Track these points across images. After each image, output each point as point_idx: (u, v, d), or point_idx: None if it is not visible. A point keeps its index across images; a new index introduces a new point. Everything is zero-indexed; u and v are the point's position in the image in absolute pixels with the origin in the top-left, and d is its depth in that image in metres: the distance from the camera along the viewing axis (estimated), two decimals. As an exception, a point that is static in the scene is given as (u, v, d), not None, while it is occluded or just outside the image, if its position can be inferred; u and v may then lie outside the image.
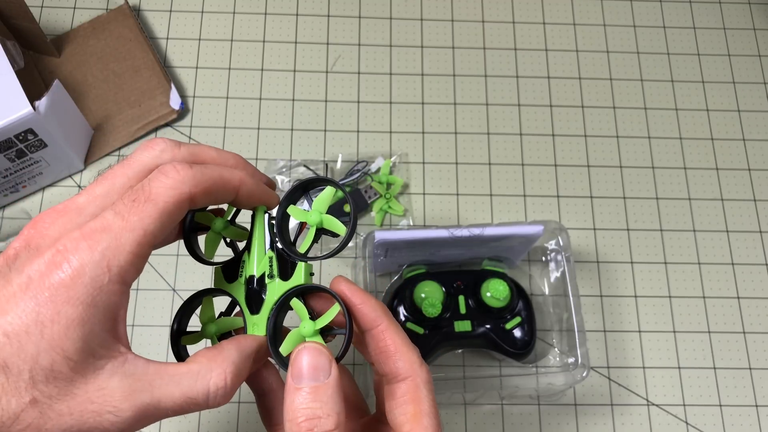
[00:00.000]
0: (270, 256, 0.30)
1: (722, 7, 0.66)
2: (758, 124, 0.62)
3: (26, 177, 0.54)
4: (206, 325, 0.31)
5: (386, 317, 0.29)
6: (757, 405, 0.53)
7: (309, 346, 0.27)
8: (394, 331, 0.29)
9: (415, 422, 0.28)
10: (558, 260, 0.53)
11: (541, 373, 0.52)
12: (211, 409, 0.51)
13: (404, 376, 0.28)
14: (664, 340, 0.55)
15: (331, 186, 0.31)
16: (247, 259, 0.31)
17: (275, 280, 0.30)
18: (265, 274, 0.30)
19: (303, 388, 0.26)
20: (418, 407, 0.28)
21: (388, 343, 0.29)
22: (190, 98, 0.60)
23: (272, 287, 0.30)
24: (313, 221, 0.30)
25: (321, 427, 0.25)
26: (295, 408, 0.25)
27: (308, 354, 0.26)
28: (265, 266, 0.30)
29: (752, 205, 0.59)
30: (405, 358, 0.29)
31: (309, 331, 0.28)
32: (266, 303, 0.30)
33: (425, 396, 0.28)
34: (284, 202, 0.31)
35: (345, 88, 0.61)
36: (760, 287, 0.57)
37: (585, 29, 0.65)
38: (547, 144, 0.60)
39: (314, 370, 0.26)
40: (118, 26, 0.61)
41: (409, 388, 0.28)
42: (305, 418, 0.25)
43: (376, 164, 0.58)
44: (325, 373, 0.26)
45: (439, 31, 0.64)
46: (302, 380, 0.26)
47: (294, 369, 0.26)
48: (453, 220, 0.57)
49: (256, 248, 0.31)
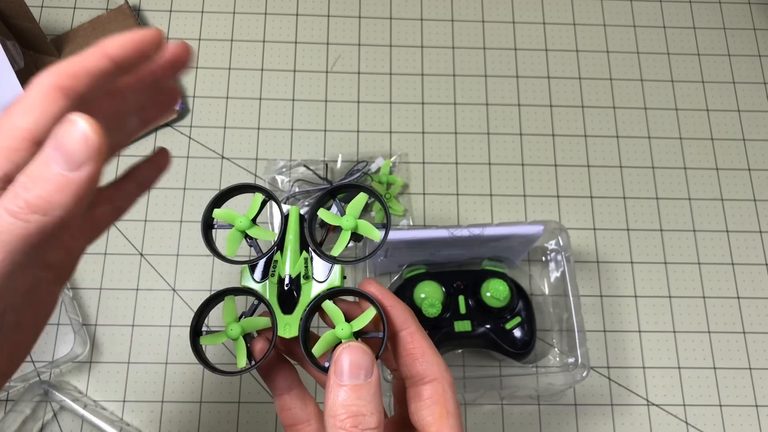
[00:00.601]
0: (306, 258, 0.31)
1: (722, 7, 0.66)
2: (758, 124, 0.62)
3: (26, 177, 0.54)
4: (229, 325, 0.30)
5: (414, 321, 0.30)
6: (757, 405, 0.53)
7: (353, 345, 0.27)
8: (422, 335, 0.30)
9: (442, 422, 0.28)
10: (558, 260, 0.53)
11: (541, 373, 0.52)
12: (211, 409, 0.51)
13: (431, 379, 0.29)
14: (664, 340, 0.55)
15: (364, 192, 0.31)
16: (279, 258, 0.31)
17: (311, 281, 0.30)
18: (300, 275, 0.30)
19: (345, 386, 0.26)
20: (444, 408, 0.29)
21: (416, 346, 0.30)
22: (190, 98, 0.60)
23: (307, 288, 0.30)
24: (348, 226, 0.31)
25: (365, 424, 0.26)
26: (339, 404, 0.26)
27: (351, 353, 0.27)
28: (301, 267, 0.30)
29: (752, 205, 0.59)
30: (432, 361, 0.30)
31: (346, 333, 0.29)
32: (301, 303, 0.30)
33: (450, 397, 0.29)
34: (315, 206, 0.32)
35: (345, 88, 0.61)
36: (760, 287, 0.57)
37: (585, 29, 0.65)
38: (547, 144, 0.60)
39: (357, 368, 0.27)
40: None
41: (435, 391, 0.29)
42: (348, 415, 0.26)
43: (376, 164, 0.58)
44: (368, 372, 0.27)
45: (439, 31, 0.64)
46: (344, 378, 0.26)
47: (337, 367, 0.27)
48: (453, 220, 0.57)
49: (290, 248, 0.31)
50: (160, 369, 0.52)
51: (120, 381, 0.52)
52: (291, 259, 0.30)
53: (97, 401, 0.51)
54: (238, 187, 0.32)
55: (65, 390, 0.50)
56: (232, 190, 0.32)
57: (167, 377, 0.52)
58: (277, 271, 0.31)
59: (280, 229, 0.31)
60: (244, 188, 0.32)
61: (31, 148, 0.21)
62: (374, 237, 0.31)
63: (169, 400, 0.51)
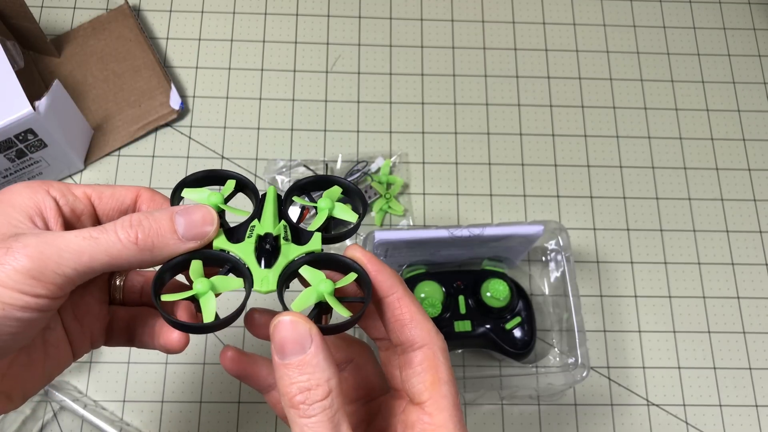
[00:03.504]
0: (284, 225, 0.30)
1: (722, 7, 0.66)
2: (758, 124, 0.62)
3: (26, 177, 0.54)
4: (197, 280, 0.28)
5: (401, 285, 0.29)
6: (757, 405, 0.53)
7: (284, 319, 0.26)
8: (410, 300, 0.29)
9: (434, 389, 0.27)
10: (558, 260, 0.53)
11: (541, 373, 0.52)
12: (211, 409, 0.51)
13: (421, 344, 0.28)
14: (664, 340, 0.55)
15: (338, 186, 0.31)
16: (257, 224, 0.30)
17: (290, 243, 0.29)
18: (280, 236, 0.29)
19: (288, 363, 0.25)
20: (436, 375, 0.28)
21: (404, 311, 0.29)
22: (190, 98, 0.60)
23: (287, 248, 0.29)
24: (324, 207, 0.30)
25: (312, 398, 0.25)
26: (286, 384, 0.25)
27: (285, 327, 0.26)
28: (280, 230, 0.30)
29: (752, 205, 0.59)
30: (421, 326, 0.28)
31: (328, 288, 0.27)
32: (281, 259, 0.29)
33: (442, 363, 0.28)
34: (288, 194, 0.31)
35: (345, 88, 0.61)
36: (760, 287, 0.57)
37: (585, 29, 0.65)
38: (547, 144, 0.60)
39: (295, 343, 0.25)
40: (118, 26, 0.61)
41: (426, 356, 0.28)
42: (297, 392, 0.25)
43: (376, 164, 0.58)
44: (304, 345, 0.25)
45: (439, 31, 0.64)
46: (286, 355, 0.25)
47: (275, 344, 0.26)
48: (453, 220, 0.57)
49: (270, 215, 0.30)
50: (160, 369, 0.52)
51: (120, 381, 0.52)
52: (271, 221, 0.29)
53: (97, 401, 0.51)
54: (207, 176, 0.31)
55: (65, 390, 0.50)
56: (201, 179, 0.31)
57: (167, 377, 0.52)
58: (255, 232, 0.29)
59: (257, 205, 0.30)
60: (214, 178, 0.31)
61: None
62: (350, 218, 0.30)
63: (169, 400, 0.51)
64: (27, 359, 0.28)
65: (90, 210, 0.29)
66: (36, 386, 0.29)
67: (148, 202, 0.30)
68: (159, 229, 0.27)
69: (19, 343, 0.26)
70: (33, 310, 0.24)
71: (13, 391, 0.28)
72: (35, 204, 0.27)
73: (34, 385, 0.29)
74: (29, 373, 0.28)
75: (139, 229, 0.26)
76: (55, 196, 0.28)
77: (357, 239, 0.56)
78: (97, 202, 0.29)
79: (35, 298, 0.24)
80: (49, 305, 0.25)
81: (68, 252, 0.25)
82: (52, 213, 0.27)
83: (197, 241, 0.28)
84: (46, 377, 0.29)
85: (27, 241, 0.25)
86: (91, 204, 0.29)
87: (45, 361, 0.29)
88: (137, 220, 0.26)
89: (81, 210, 0.29)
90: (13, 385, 0.28)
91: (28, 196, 0.27)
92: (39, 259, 0.24)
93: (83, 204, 0.29)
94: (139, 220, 0.26)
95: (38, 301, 0.24)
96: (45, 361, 0.29)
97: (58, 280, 0.25)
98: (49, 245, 0.25)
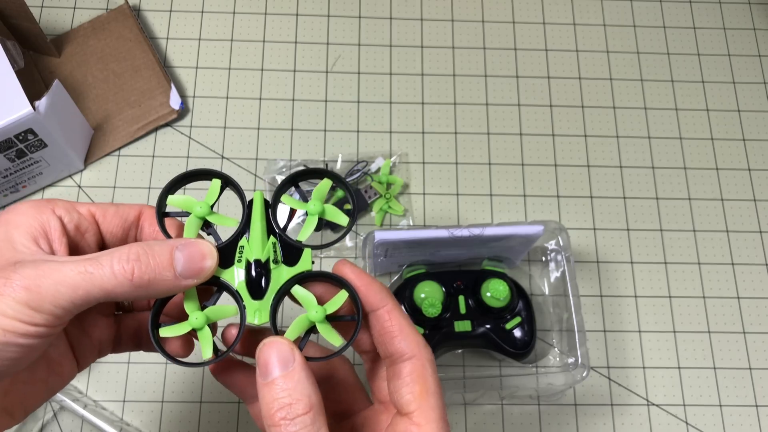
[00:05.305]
0: (273, 242, 0.30)
1: (722, 7, 0.66)
2: (758, 124, 0.62)
3: (26, 177, 0.54)
4: (192, 314, 0.29)
5: (391, 299, 0.30)
6: (757, 405, 0.53)
7: (267, 342, 0.27)
8: (399, 313, 0.30)
9: (422, 399, 0.28)
10: (558, 260, 0.53)
11: (541, 373, 0.52)
12: (211, 409, 0.51)
13: (409, 356, 0.29)
14: (664, 340, 0.55)
15: (327, 178, 0.31)
16: (246, 244, 0.30)
17: (280, 266, 0.30)
18: (269, 260, 0.29)
19: (270, 382, 0.26)
20: (425, 385, 0.28)
21: (394, 323, 0.29)
22: (190, 98, 0.60)
23: (277, 273, 0.29)
24: (313, 210, 0.30)
25: (293, 412, 0.25)
26: (268, 402, 0.26)
27: (269, 349, 0.27)
28: (269, 251, 0.30)
29: (752, 205, 0.59)
30: (410, 338, 0.29)
31: (319, 317, 0.28)
32: (271, 288, 0.29)
33: (431, 374, 0.29)
34: (276, 193, 0.31)
35: (345, 88, 0.61)
36: (760, 287, 0.57)
37: (585, 29, 0.65)
38: (547, 144, 0.60)
39: (278, 362, 0.26)
40: (118, 26, 0.61)
41: (415, 368, 0.29)
42: (277, 408, 0.26)
43: (376, 164, 0.58)
44: (287, 363, 0.26)
45: (439, 31, 0.64)
46: (268, 375, 0.26)
47: (260, 366, 0.27)
48: (453, 220, 0.57)
49: (258, 233, 0.30)
50: (160, 369, 0.52)
51: (120, 381, 0.52)
52: (260, 244, 0.30)
53: (97, 401, 0.51)
54: (195, 174, 0.31)
55: (65, 390, 0.50)
56: (188, 176, 0.31)
57: (167, 377, 0.52)
58: (244, 256, 0.30)
59: (244, 214, 0.30)
60: (201, 174, 0.31)
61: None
62: (341, 221, 0.30)
63: (169, 400, 0.51)
64: (30, 376, 0.28)
65: (94, 228, 0.30)
66: (38, 401, 0.29)
67: (150, 219, 0.31)
68: (156, 266, 0.26)
69: (20, 367, 0.26)
70: (33, 337, 0.25)
71: (15, 407, 0.28)
72: (40, 225, 0.27)
73: (36, 401, 0.29)
74: (32, 389, 0.29)
75: (136, 265, 0.26)
76: (60, 214, 0.28)
77: (357, 239, 0.56)
78: (101, 219, 0.30)
79: (34, 327, 0.25)
80: (48, 332, 0.25)
81: (64, 286, 0.25)
82: (57, 234, 0.28)
83: (194, 279, 0.28)
84: (48, 392, 0.29)
85: (25, 272, 0.25)
86: (95, 222, 0.30)
87: (48, 377, 0.29)
88: (135, 255, 0.26)
89: (86, 228, 0.29)
90: (15, 402, 0.28)
91: (33, 217, 0.27)
92: (36, 292, 0.24)
93: (88, 222, 0.29)
94: (137, 255, 0.26)
95: (38, 329, 0.25)
96: (48, 377, 0.29)
97: (56, 311, 0.25)
98: (46, 278, 0.25)
